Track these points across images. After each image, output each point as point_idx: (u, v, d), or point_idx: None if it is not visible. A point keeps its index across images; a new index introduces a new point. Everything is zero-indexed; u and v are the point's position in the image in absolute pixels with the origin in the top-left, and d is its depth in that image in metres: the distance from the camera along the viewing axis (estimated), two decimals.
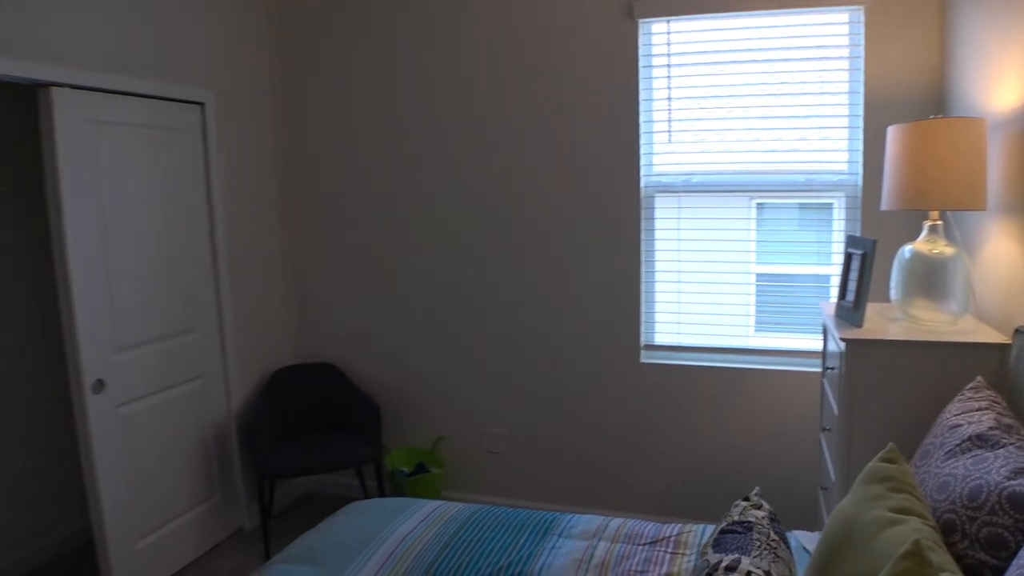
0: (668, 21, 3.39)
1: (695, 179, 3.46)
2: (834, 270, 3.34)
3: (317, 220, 4.10)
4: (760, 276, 3.50)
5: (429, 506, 2.54)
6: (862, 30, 3.11)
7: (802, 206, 3.43)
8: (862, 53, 3.12)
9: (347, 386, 3.90)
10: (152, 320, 3.31)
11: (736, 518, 1.86)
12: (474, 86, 3.65)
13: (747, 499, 1.97)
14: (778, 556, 1.69)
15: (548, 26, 3.49)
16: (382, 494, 3.66)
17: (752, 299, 3.51)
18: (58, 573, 3.51)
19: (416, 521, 2.41)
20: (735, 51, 3.33)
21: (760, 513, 1.88)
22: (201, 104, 3.55)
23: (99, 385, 3.02)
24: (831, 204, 3.34)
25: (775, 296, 3.50)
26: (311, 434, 3.83)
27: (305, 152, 4.07)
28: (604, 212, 3.53)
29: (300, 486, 4.30)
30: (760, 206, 3.47)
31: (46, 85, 2.83)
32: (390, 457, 3.86)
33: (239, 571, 3.43)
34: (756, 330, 3.52)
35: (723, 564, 1.62)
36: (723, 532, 1.81)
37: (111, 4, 3.07)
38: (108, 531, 3.09)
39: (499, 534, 2.34)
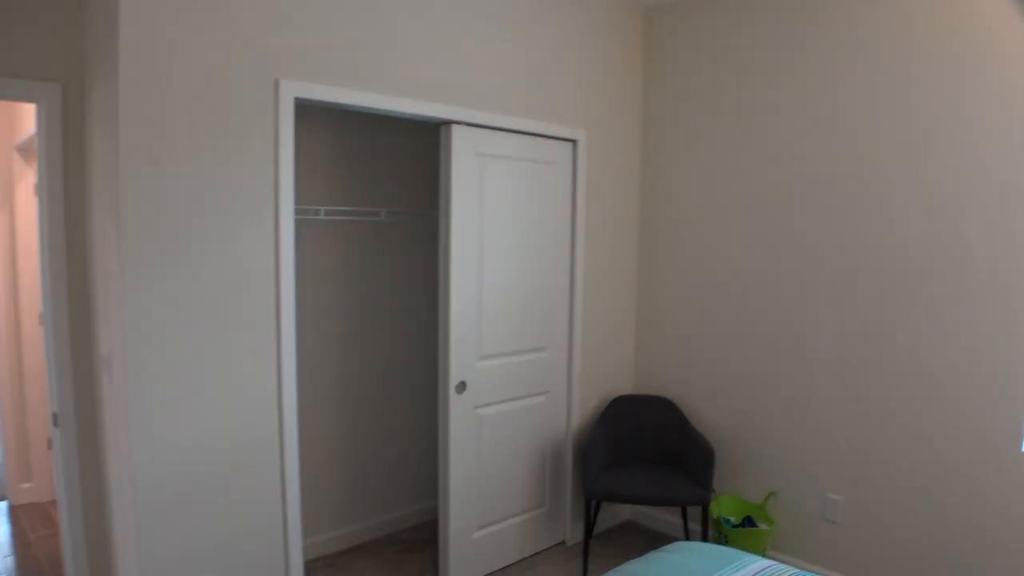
0: None
1: None
2: None
3: (668, 257, 4.16)
4: None
5: (759, 563, 2.42)
6: None
7: None
8: None
9: (682, 423, 3.89)
10: (511, 334, 3.63)
11: None
12: (856, 137, 3.42)
13: None
14: None
15: (960, 62, 3.14)
16: (704, 539, 3.58)
17: None
18: (406, 543, 4.00)
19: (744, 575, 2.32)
20: None
21: None
22: (574, 141, 3.83)
23: (462, 386, 3.39)
24: None
25: None
26: (642, 465, 3.88)
27: (662, 189, 4.17)
28: (1000, 276, 3.05)
29: (623, 512, 4.39)
30: None
31: (447, 123, 3.27)
32: (717, 503, 3.76)
33: None
34: None
35: None
36: None
37: (498, 53, 3.45)
38: (452, 516, 3.44)
39: None
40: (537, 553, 3.91)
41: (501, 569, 3.72)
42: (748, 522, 3.66)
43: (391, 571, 3.67)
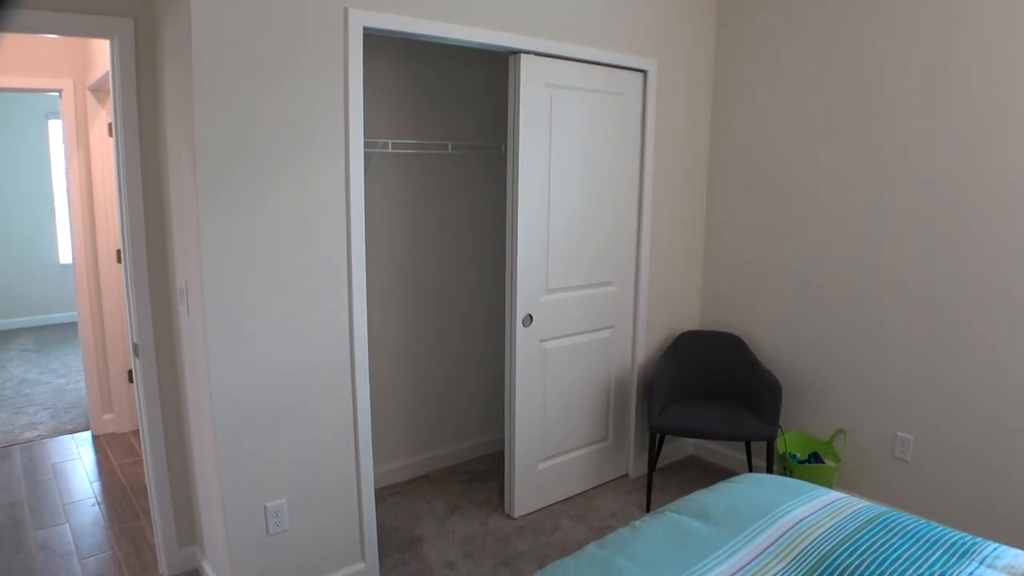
0: None
1: None
2: None
3: (737, 193, 4.07)
4: None
5: (830, 495, 2.41)
6: None
7: None
8: None
9: (749, 359, 3.84)
10: (578, 269, 3.61)
11: None
12: (955, 64, 3.25)
13: None
14: None
15: None
16: (769, 474, 3.57)
17: None
18: (471, 474, 4.09)
19: (815, 507, 2.30)
20: None
21: None
22: (644, 72, 3.73)
23: (528, 319, 3.40)
24: None
25: None
26: (707, 400, 3.87)
27: (734, 121, 4.05)
28: None
29: (686, 447, 4.40)
30: None
31: (516, 52, 3.21)
32: (783, 439, 3.74)
33: (619, 513, 3.64)
34: None
35: None
36: None
37: None
38: (517, 447, 3.50)
39: (907, 543, 2.13)
40: (600, 485, 3.96)
41: (564, 500, 3.78)
42: (815, 458, 3.64)
43: (456, 500, 3.77)
